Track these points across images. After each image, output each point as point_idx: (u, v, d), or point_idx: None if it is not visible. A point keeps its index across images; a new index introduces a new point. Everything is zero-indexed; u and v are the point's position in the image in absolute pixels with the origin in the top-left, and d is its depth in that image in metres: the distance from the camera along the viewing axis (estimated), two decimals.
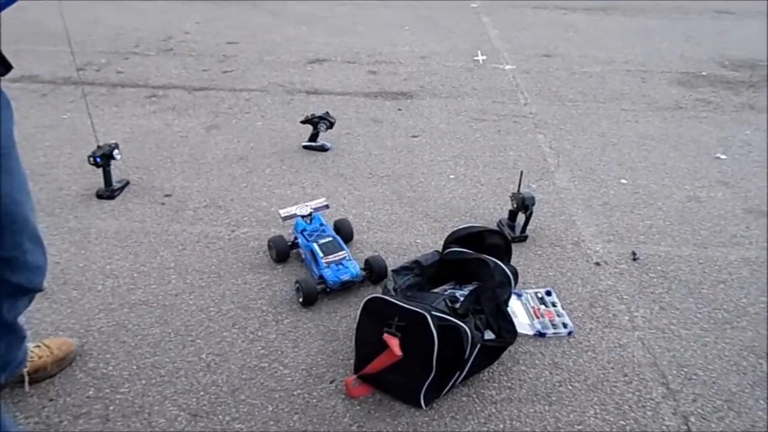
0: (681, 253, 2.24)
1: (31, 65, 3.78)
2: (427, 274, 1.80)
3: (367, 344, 1.60)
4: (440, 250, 1.88)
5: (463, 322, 1.52)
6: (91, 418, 1.52)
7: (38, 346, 1.62)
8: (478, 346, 1.56)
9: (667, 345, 1.80)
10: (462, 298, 1.66)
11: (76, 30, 4.38)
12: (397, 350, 1.46)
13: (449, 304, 1.63)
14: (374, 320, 1.55)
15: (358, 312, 1.61)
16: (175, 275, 2.04)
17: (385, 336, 1.48)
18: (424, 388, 1.52)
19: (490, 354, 1.66)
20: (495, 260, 1.73)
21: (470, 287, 1.74)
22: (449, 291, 1.74)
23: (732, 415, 1.58)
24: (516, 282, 1.78)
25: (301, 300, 1.89)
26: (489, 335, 1.64)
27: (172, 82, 3.62)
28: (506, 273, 1.71)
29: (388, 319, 1.50)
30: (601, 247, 2.25)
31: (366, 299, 1.59)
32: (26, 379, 1.57)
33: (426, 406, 1.55)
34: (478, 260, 1.74)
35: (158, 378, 1.64)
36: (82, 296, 1.94)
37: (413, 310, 1.49)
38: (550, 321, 1.85)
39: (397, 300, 1.54)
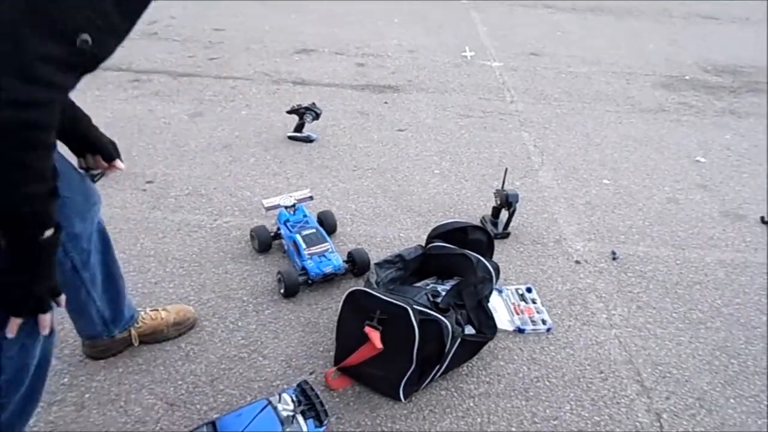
0: (659, 253, 2.28)
1: None
2: (410, 268, 1.81)
3: (348, 337, 1.60)
4: (423, 244, 1.89)
5: (444, 316, 1.53)
6: (65, 406, 1.50)
7: (155, 310, 1.70)
8: (459, 340, 1.57)
9: (643, 343, 1.84)
10: (444, 293, 1.67)
11: None
12: (378, 343, 1.46)
13: (431, 299, 1.64)
14: (356, 313, 1.55)
15: (340, 304, 1.61)
16: (155, 263, 2.02)
17: (367, 329, 1.49)
18: (403, 382, 1.53)
19: (470, 348, 1.67)
20: (477, 256, 1.74)
21: (452, 282, 1.75)
22: (431, 285, 1.75)
23: (703, 413, 1.61)
24: (497, 278, 1.79)
25: (282, 291, 1.89)
26: (469, 330, 1.66)
27: (156, 67, 3.56)
28: (488, 269, 1.72)
29: (369, 312, 1.51)
30: (581, 246, 2.28)
31: (348, 292, 1.59)
32: (135, 335, 1.65)
33: (405, 399, 1.56)
34: (461, 256, 1.74)
35: (135, 366, 1.63)
36: None
37: (395, 304, 1.50)
38: (530, 317, 1.87)
39: (379, 293, 1.54)
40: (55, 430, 1.45)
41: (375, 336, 1.47)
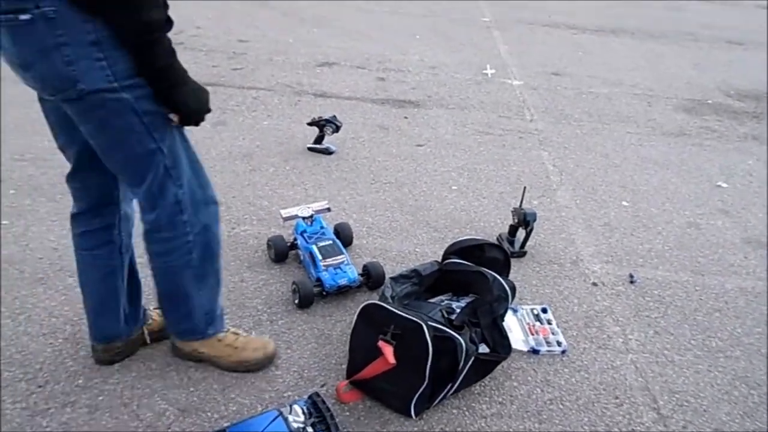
0: (678, 278, 2.24)
1: None
2: (425, 283, 1.80)
3: (361, 350, 1.59)
4: (439, 260, 1.88)
5: (458, 334, 1.52)
6: (78, 407, 1.52)
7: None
8: (472, 358, 1.56)
9: (660, 370, 1.80)
10: (458, 310, 1.66)
11: None
12: (391, 358, 1.46)
13: (445, 315, 1.63)
14: (370, 327, 1.55)
15: (354, 317, 1.61)
16: None
17: (380, 343, 1.48)
18: (415, 398, 1.52)
19: (484, 367, 1.66)
20: (494, 274, 1.73)
21: (467, 299, 1.74)
22: (446, 302, 1.74)
23: None
24: (513, 297, 1.78)
25: (297, 302, 1.89)
26: (483, 349, 1.64)
27: None
28: (504, 288, 1.71)
29: (383, 326, 1.50)
30: (599, 268, 2.25)
31: (363, 305, 1.59)
32: (147, 333, 1.68)
33: (416, 416, 1.54)
34: (477, 273, 1.74)
35: (149, 371, 1.64)
36: (77, 284, 1.92)
37: (409, 319, 1.49)
38: (545, 338, 1.85)
39: (394, 308, 1.53)
40: (67, 431, 1.46)
41: (388, 351, 1.46)
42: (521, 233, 2.27)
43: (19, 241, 2.11)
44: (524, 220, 2.22)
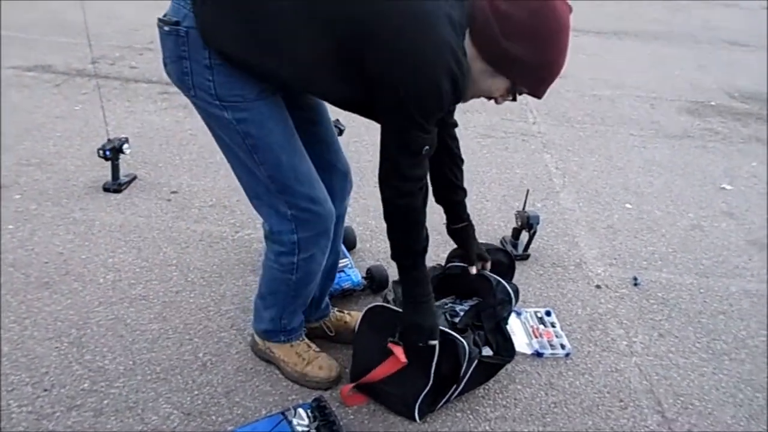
0: (682, 281, 2.24)
1: (45, 55, 3.81)
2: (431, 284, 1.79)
3: (364, 353, 1.60)
4: (443, 264, 1.88)
5: (462, 336, 1.52)
6: (84, 411, 1.52)
7: (341, 312, 1.82)
8: (476, 361, 1.56)
9: (665, 373, 1.80)
10: (462, 313, 1.66)
11: (92, 23, 4.39)
12: (403, 357, 1.46)
13: (449, 318, 1.63)
14: (374, 329, 1.55)
15: (358, 320, 1.61)
16: (176, 272, 2.04)
17: (390, 344, 1.48)
18: (419, 400, 1.52)
19: (487, 371, 1.66)
20: (497, 278, 1.73)
21: (470, 302, 1.74)
22: (449, 305, 1.74)
23: None
24: (517, 300, 1.77)
25: None
26: (487, 352, 1.64)
27: None
28: (508, 291, 1.70)
29: (390, 328, 1.50)
30: (602, 270, 2.25)
31: (367, 308, 1.59)
32: (328, 327, 1.78)
33: (420, 419, 1.55)
34: (481, 277, 1.74)
35: (154, 375, 1.64)
36: (83, 288, 1.94)
37: None
38: (548, 341, 1.85)
39: (399, 310, 1.54)
40: None
41: (399, 351, 1.46)
42: (524, 236, 2.28)
43: (25, 245, 2.13)
44: (527, 223, 2.22)
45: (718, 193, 2.92)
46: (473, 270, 1.65)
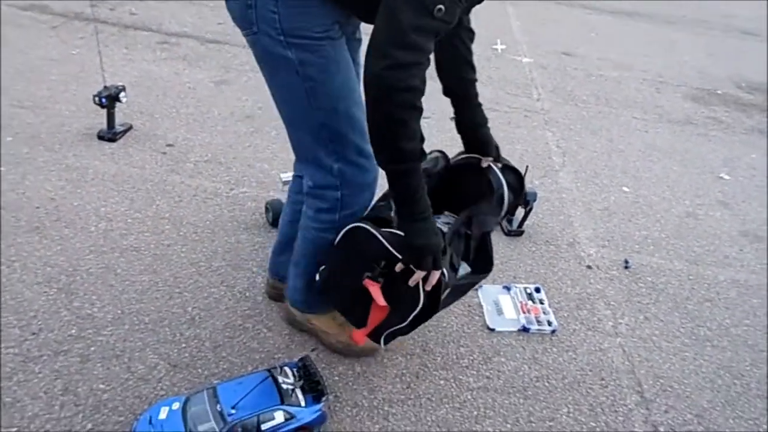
0: (672, 266, 2.25)
1: None
2: (430, 185, 1.39)
3: (341, 286, 1.41)
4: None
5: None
6: (71, 356, 1.53)
7: None
8: (449, 289, 1.41)
9: (647, 355, 1.83)
10: (445, 229, 1.42)
11: None
12: (381, 300, 1.30)
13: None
14: (351, 259, 1.36)
15: (336, 239, 1.39)
16: (169, 226, 2.03)
17: (366, 281, 1.31)
18: (386, 333, 1.41)
19: (460, 290, 1.54)
20: (501, 180, 1.51)
21: (445, 218, 1.52)
22: (441, 221, 1.50)
23: (701, 430, 1.61)
24: (511, 208, 1.61)
25: (271, 221, 1.98)
26: (464, 269, 1.50)
27: (186, 31, 3.55)
28: (503, 200, 1.52)
29: (371, 262, 1.31)
30: (594, 251, 2.26)
31: (349, 228, 1.37)
32: None
33: (385, 344, 1.44)
34: (483, 178, 1.52)
35: (142, 325, 1.65)
36: (74, 235, 1.93)
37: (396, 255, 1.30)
38: (536, 317, 1.86)
39: (382, 235, 1.33)
40: (59, 378, 1.47)
41: (376, 292, 1.29)
42: (520, 212, 2.27)
43: (16, 189, 2.10)
44: (524, 200, 2.21)
45: (715, 182, 2.92)
46: (485, 164, 1.44)
